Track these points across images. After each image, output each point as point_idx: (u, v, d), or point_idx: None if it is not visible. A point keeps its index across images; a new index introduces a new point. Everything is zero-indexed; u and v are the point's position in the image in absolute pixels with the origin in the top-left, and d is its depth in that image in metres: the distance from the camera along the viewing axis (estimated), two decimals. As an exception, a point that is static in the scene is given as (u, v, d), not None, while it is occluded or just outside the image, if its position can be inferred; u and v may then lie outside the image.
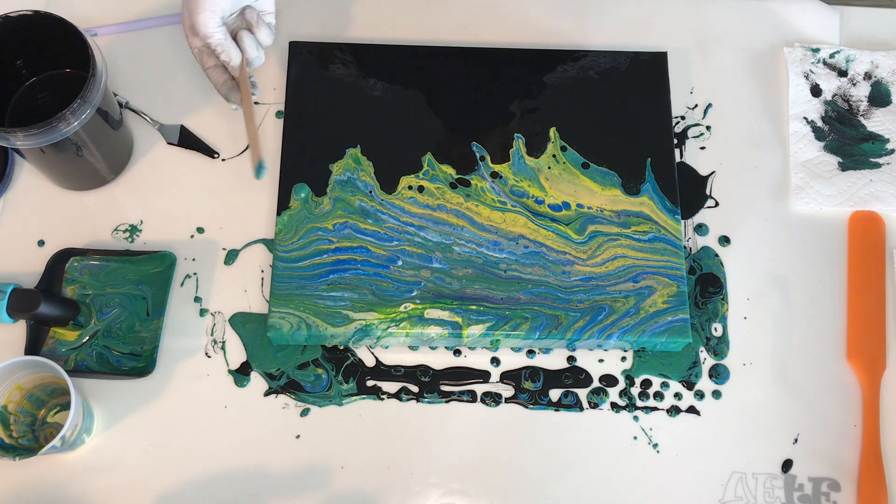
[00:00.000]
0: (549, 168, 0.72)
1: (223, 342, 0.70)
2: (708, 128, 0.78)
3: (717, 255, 0.74)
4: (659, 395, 0.69)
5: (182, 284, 0.71)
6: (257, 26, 0.70)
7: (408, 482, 0.67)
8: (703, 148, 0.77)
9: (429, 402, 0.69)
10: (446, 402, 0.69)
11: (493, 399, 0.69)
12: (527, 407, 0.69)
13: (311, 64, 0.74)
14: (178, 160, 0.75)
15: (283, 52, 0.77)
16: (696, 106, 0.79)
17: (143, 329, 0.69)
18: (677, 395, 0.70)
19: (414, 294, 0.67)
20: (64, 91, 0.70)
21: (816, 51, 0.80)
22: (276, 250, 0.68)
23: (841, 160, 0.77)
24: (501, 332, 0.66)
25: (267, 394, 0.68)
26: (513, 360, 0.70)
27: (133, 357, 0.68)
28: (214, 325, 0.70)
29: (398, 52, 0.75)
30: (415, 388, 0.69)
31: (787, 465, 0.68)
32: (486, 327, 0.66)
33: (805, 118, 0.78)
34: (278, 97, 0.77)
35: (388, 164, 0.71)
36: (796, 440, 0.69)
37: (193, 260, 0.72)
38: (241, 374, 0.69)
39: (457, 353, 0.70)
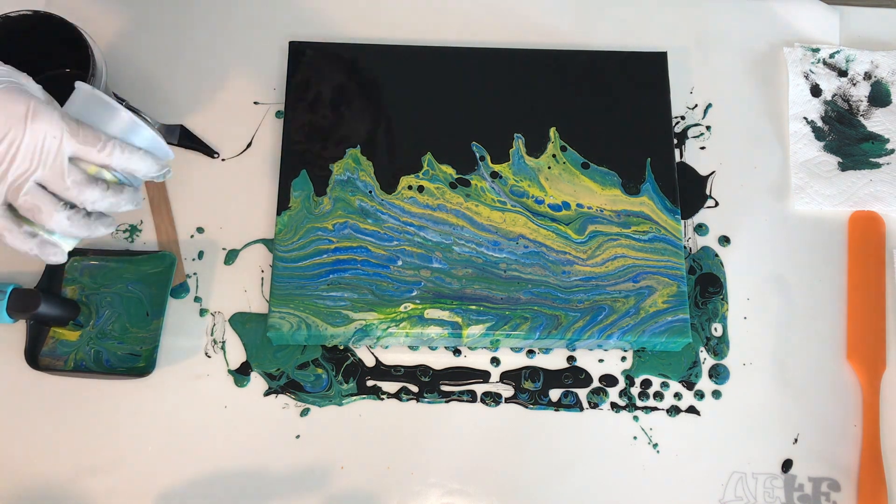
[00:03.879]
0: (549, 168, 0.72)
1: (223, 342, 0.70)
2: (708, 128, 0.78)
3: (717, 255, 0.74)
4: (659, 395, 0.69)
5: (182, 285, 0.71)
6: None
7: (408, 482, 0.67)
8: (703, 148, 0.77)
9: (429, 402, 0.69)
10: (446, 402, 0.69)
11: (493, 399, 0.69)
12: (527, 407, 0.69)
13: (311, 64, 0.74)
14: (178, 160, 0.75)
15: (283, 52, 0.77)
16: (696, 106, 0.79)
17: (143, 329, 0.69)
18: (677, 395, 0.70)
19: (414, 294, 0.67)
20: (64, 91, 0.70)
21: (816, 51, 0.80)
22: (276, 250, 0.68)
23: (841, 160, 0.77)
24: (501, 332, 0.66)
25: (267, 394, 0.68)
26: (513, 360, 0.70)
27: (133, 357, 0.68)
28: (214, 325, 0.70)
29: (398, 52, 0.75)
30: (415, 388, 0.69)
31: (787, 465, 0.68)
32: (486, 327, 0.66)
33: (805, 118, 0.78)
34: (278, 97, 0.77)
35: (388, 164, 0.71)
36: (796, 440, 0.69)
37: (193, 260, 0.72)
38: (241, 374, 0.69)
39: (457, 353, 0.70)
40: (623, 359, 0.70)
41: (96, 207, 0.52)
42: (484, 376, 0.70)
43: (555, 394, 0.69)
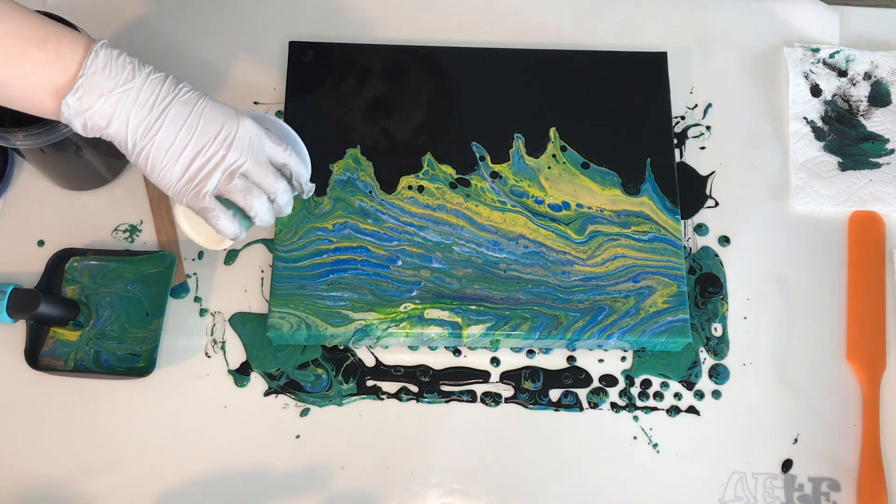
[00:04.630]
0: (549, 168, 0.72)
1: (223, 342, 0.70)
2: (708, 128, 0.78)
3: (717, 255, 0.74)
4: (659, 395, 0.69)
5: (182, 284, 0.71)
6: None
7: (408, 482, 0.67)
8: (703, 148, 0.77)
9: (429, 402, 0.69)
10: (446, 402, 0.69)
11: (492, 399, 0.69)
12: (527, 407, 0.69)
13: (311, 64, 0.74)
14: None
15: (283, 52, 0.77)
16: (696, 106, 0.79)
17: (143, 329, 0.69)
18: (677, 395, 0.70)
19: (414, 294, 0.67)
20: (64, 91, 0.70)
21: (816, 51, 0.80)
22: (276, 250, 0.68)
23: (841, 160, 0.77)
24: (501, 332, 0.66)
25: (267, 394, 0.68)
26: (513, 360, 0.70)
27: (133, 357, 0.68)
28: (214, 325, 0.70)
29: (398, 52, 0.75)
30: (415, 388, 0.69)
31: (787, 465, 0.68)
32: (486, 327, 0.66)
33: (805, 118, 0.78)
34: (278, 97, 0.77)
35: (388, 164, 0.71)
36: (796, 440, 0.69)
37: (193, 260, 0.72)
38: (241, 374, 0.69)
39: (457, 353, 0.70)
40: (623, 359, 0.70)
41: (280, 198, 0.59)
42: (484, 376, 0.70)
43: (555, 394, 0.69)
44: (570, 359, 0.70)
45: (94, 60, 0.52)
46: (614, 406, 0.69)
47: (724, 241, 0.74)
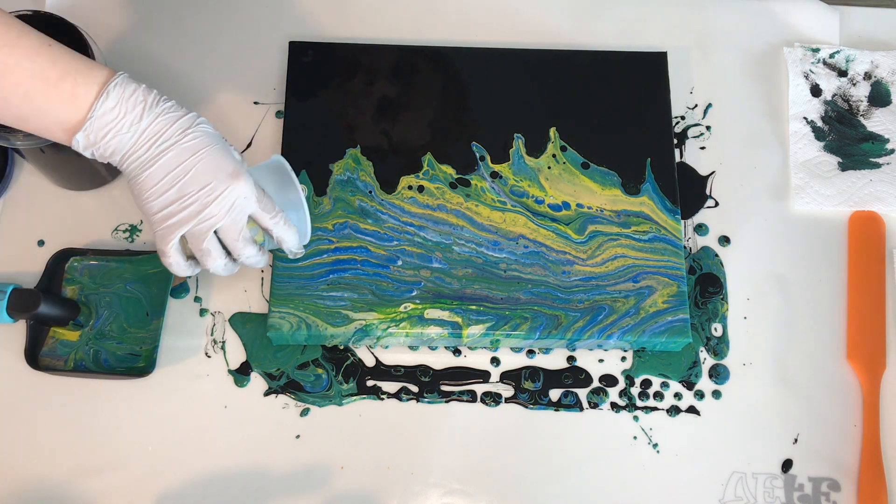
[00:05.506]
0: (549, 168, 0.72)
1: (223, 342, 0.70)
2: (708, 128, 0.78)
3: (717, 255, 0.74)
4: (659, 395, 0.69)
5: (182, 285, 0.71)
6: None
7: (408, 482, 0.67)
8: (703, 148, 0.77)
9: (429, 402, 0.69)
10: (446, 402, 0.69)
11: (492, 399, 0.69)
12: (527, 407, 0.69)
13: (311, 64, 0.74)
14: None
15: (283, 52, 0.77)
16: (696, 106, 0.79)
17: (143, 329, 0.69)
18: (677, 395, 0.70)
19: (414, 294, 0.67)
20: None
21: (816, 51, 0.80)
22: (276, 250, 0.68)
23: (841, 160, 0.77)
24: (501, 332, 0.66)
25: (267, 394, 0.68)
26: (513, 360, 0.70)
27: (132, 357, 0.68)
28: (214, 325, 0.70)
29: (399, 52, 0.75)
30: (415, 388, 0.69)
31: (787, 465, 0.68)
32: (486, 327, 0.66)
33: (805, 118, 0.78)
34: (278, 97, 0.77)
35: (388, 164, 0.71)
36: (796, 440, 0.69)
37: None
38: (241, 374, 0.69)
39: (457, 352, 0.70)
40: (623, 359, 0.70)
41: (245, 261, 0.60)
42: (484, 376, 0.70)
43: (555, 394, 0.69)
44: (570, 359, 0.70)
45: (104, 102, 0.54)
46: (614, 406, 0.69)
47: (724, 241, 0.74)
